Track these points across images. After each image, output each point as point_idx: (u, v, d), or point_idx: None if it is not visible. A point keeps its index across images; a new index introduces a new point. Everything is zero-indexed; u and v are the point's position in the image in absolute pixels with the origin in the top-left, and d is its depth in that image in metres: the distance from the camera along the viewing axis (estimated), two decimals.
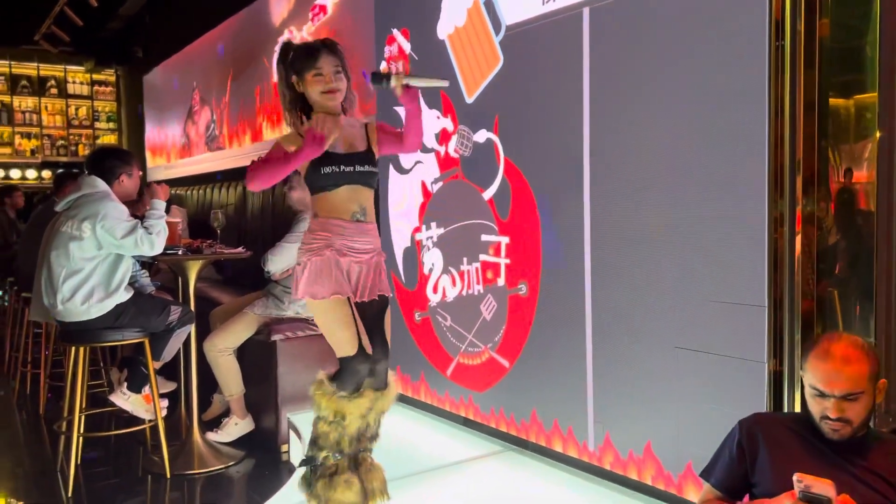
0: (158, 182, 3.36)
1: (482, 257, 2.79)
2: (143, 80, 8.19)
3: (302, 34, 4.55)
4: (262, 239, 4.65)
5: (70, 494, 2.94)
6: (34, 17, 7.77)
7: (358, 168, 2.17)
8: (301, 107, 2.24)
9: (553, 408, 2.51)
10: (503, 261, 2.68)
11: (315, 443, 2.22)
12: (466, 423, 2.98)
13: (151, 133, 8.06)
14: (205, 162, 6.40)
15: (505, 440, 2.76)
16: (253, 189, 2.13)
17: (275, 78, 4.98)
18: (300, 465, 2.27)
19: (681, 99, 2.04)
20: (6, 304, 5.67)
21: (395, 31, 3.23)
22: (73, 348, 3.08)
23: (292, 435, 3.16)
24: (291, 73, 2.19)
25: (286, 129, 2.67)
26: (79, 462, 3.06)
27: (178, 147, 7.19)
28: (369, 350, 2.14)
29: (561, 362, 2.46)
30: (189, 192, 6.44)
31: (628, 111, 2.20)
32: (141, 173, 3.26)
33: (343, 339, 2.13)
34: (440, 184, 3.03)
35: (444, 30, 2.92)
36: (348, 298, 2.12)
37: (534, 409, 2.58)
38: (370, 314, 2.22)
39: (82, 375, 3.06)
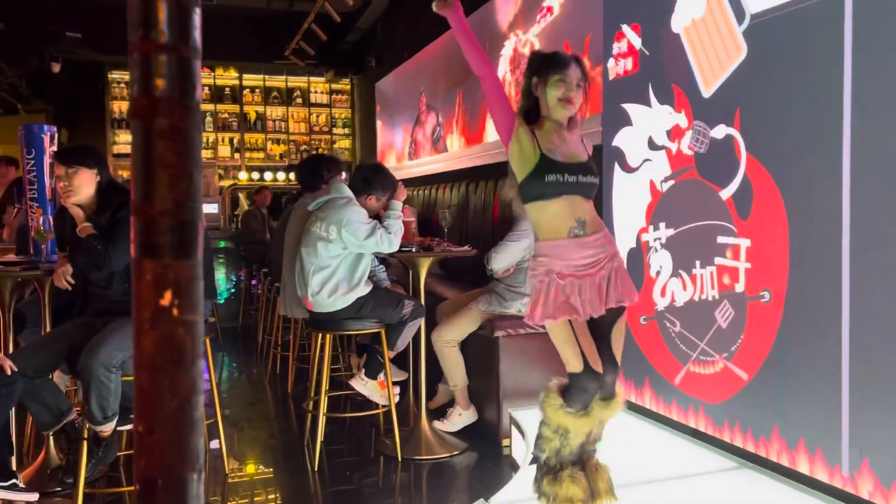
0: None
1: (718, 261, 2.63)
2: (375, 88, 8.79)
3: (528, 36, 4.61)
4: (483, 237, 4.78)
5: (316, 468, 3.25)
6: (283, 35, 8.66)
7: (581, 179, 2.15)
8: (530, 114, 2.25)
9: (799, 425, 2.30)
10: (743, 265, 2.51)
11: (539, 445, 2.24)
12: (695, 434, 2.84)
13: (382, 136, 8.63)
14: (430, 164, 6.72)
15: (740, 456, 2.58)
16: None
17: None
18: (529, 464, 2.30)
19: None
20: (259, 292, 6.38)
21: (625, 27, 3.15)
22: (321, 335, 3.39)
23: (514, 430, 3.21)
24: (534, 75, 2.23)
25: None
26: (322, 439, 3.36)
27: (406, 149, 7.63)
28: (598, 368, 2.13)
29: (810, 377, 2.25)
30: (416, 193, 6.81)
31: None
32: (386, 200, 3.46)
33: (568, 356, 2.15)
34: (671, 182, 2.91)
35: (679, 22, 2.79)
36: (569, 321, 2.11)
37: (776, 426, 2.39)
38: (603, 325, 2.19)
39: (328, 360, 3.36)
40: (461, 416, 3.58)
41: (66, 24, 8.25)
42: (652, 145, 3.00)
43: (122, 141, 9.52)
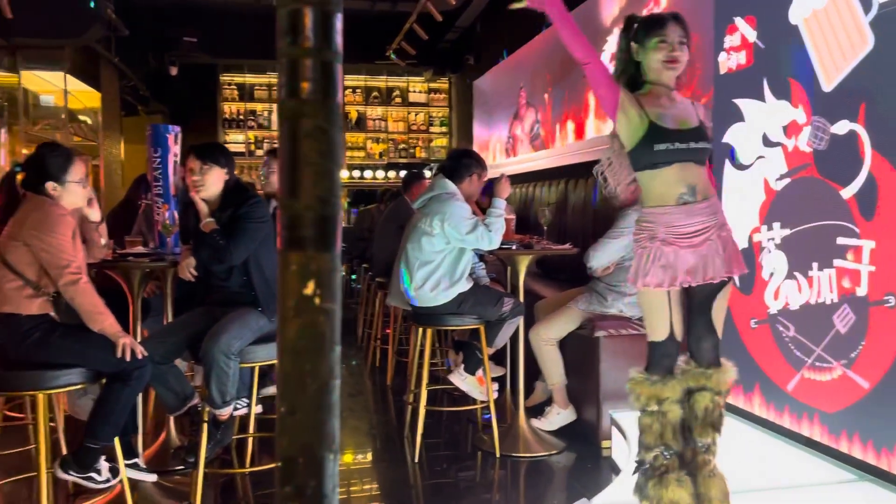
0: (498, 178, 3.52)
1: (837, 263, 2.50)
2: (473, 86, 8.83)
3: None
4: (583, 235, 4.72)
5: (416, 460, 3.31)
6: (384, 36, 8.83)
7: (692, 144, 2.08)
8: (630, 80, 2.16)
9: None
10: (866, 268, 2.38)
11: (642, 444, 2.19)
12: (809, 443, 2.71)
13: (479, 134, 8.66)
14: (528, 161, 6.69)
15: (860, 468, 2.45)
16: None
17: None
18: (633, 473, 2.24)
19: None
20: (359, 286, 6.54)
21: (738, 20, 3.04)
22: (421, 329, 3.45)
23: (615, 432, 3.16)
24: (631, 41, 2.14)
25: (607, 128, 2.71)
26: (422, 432, 3.42)
27: (503, 147, 7.63)
28: (679, 337, 2.11)
29: None
30: (514, 190, 6.80)
31: None
32: (486, 177, 3.52)
33: (655, 325, 2.13)
34: (787, 180, 2.79)
35: (798, 13, 2.67)
36: (668, 292, 2.07)
37: None
38: (703, 294, 2.11)
39: (428, 353, 3.41)
40: (559, 415, 3.55)
41: (184, 29, 8.72)
42: (766, 142, 2.88)
43: (232, 140, 9.98)
